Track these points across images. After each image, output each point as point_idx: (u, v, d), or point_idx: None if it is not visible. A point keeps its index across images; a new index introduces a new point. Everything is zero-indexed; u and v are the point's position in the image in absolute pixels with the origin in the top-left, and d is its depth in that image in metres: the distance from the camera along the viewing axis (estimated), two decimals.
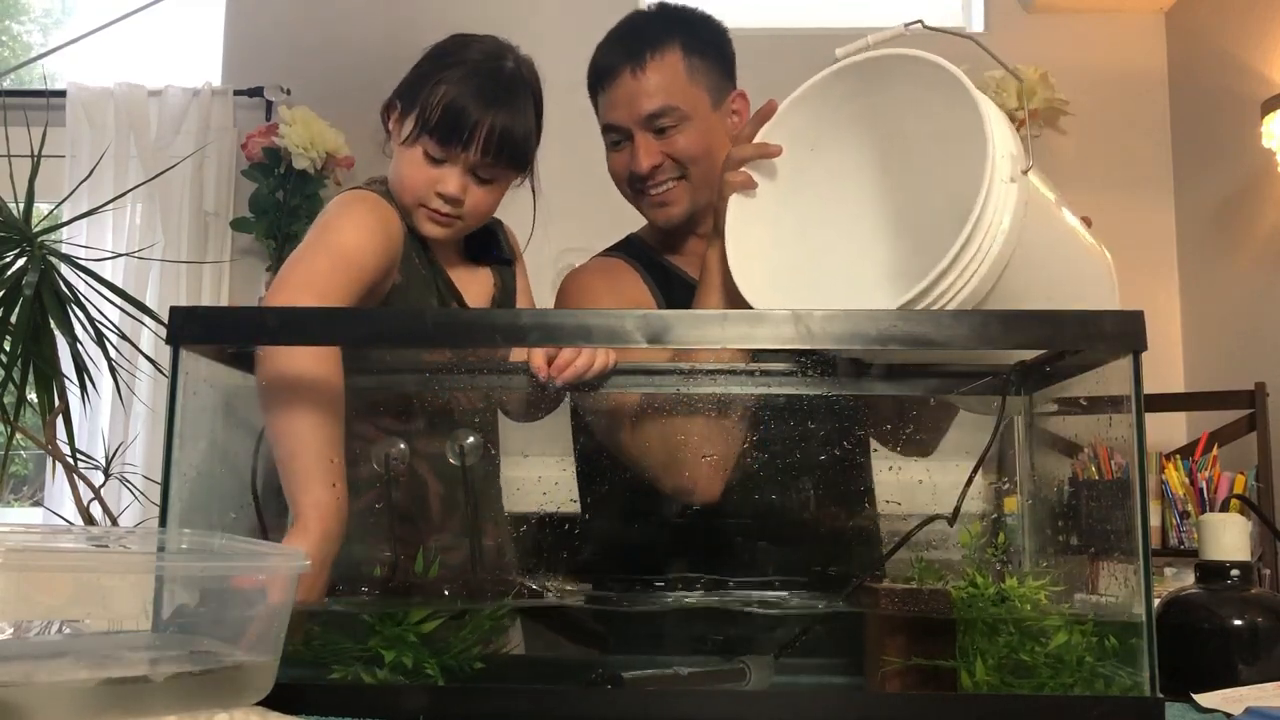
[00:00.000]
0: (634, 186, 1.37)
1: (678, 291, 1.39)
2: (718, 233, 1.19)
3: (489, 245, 1.39)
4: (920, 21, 1.06)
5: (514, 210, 1.38)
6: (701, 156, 1.34)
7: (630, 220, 1.47)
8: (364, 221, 1.21)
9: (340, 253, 1.17)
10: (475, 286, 1.36)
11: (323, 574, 0.98)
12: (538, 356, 1.11)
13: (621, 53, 1.33)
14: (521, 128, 1.25)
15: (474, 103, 1.22)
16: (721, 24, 1.42)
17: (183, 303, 3.30)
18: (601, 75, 1.35)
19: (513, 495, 1.25)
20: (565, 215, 1.54)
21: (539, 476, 1.14)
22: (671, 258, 1.44)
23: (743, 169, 1.17)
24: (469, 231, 1.32)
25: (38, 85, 3.62)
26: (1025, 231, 0.96)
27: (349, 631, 0.89)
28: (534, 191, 1.34)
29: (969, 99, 0.98)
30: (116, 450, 1.53)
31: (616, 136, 1.36)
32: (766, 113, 1.16)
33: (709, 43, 1.37)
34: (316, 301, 1.09)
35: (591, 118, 1.41)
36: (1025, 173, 0.97)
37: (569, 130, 1.42)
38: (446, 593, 0.99)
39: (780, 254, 1.17)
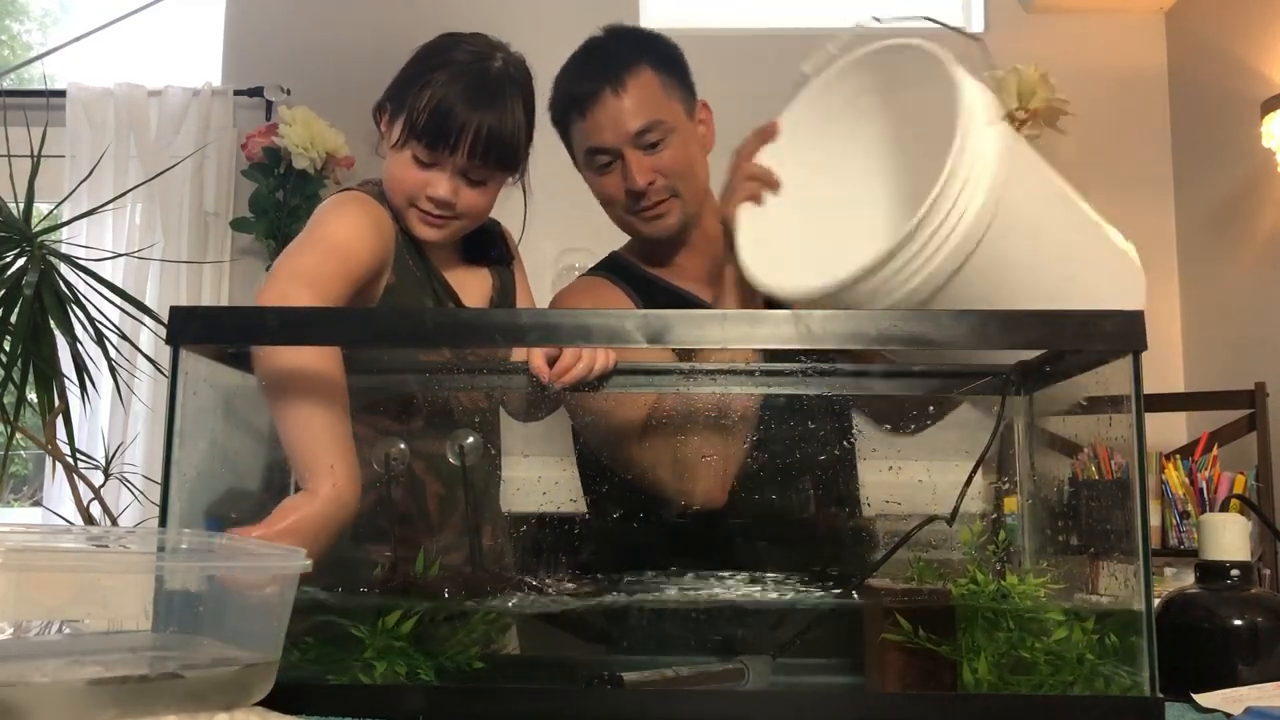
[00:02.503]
0: (629, 206, 1.37)
1: (662, 302, 1.40)
2: (730, 248, 1.19)
3: (486, 246, 1.38)
4: (875, 18, 1.06)
5: (508, 210, 1.38)
6: (686, 170, 1.37)
7: None
8: (354, 218, 1.21)
9: (330, 245, 1.16)
10: (473, 287, 1.36)
11: (327, 541, 0.96)
12: (537, 358, 1.11)
13: (597, 76, 1.34)
14: (510, 128, 1.23)
15: (460, 104, 1.20)
16: (674, 41, 1.44)
17: (183, 303, 3.30)
18: (579, 101, 1.35)
19: (512, 495, 1.25)
20: (565, 216, 1.54)
21: (539, 476, 1.14)
22: (657, 270, 1.45)
23: (750, 183, 1.18)
24: (465, 232, 1.31)
25: (38, 85, 3.61)
26: (1011, 189, 0.95)
27: (341, 644, 0.89)
28: (525, 191, 1.33)
29: (943, 69, 0.97)
30: (116, 450, 1.53)
31: (605, 159, 1.35)
32: (769, 133, 1.17)
33: (671, 58, 1.39)
34: (308, 293, 1.08)
35: None
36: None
37: (555, 132, 1.42)
38: (447, 593, 0.98)
39: (800, 251, 1.17)
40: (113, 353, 1.44)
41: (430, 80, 1.21)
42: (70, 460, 1.26)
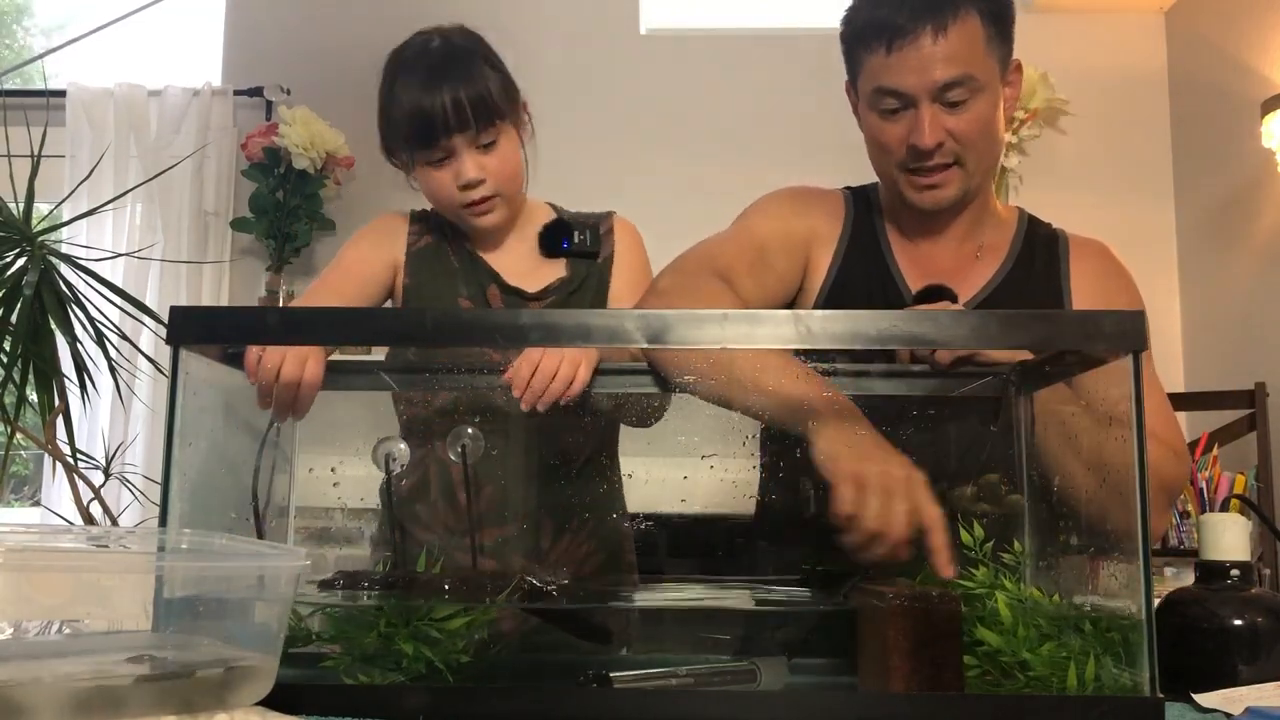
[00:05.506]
0: (904, 163, 1.23)
1: (860, 286, 1.28)
2: None
3: (559, 239, 1.41)
4: None
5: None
6: (980, 138, 1.22)
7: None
8: (358, 237, 1.44)
9: (334, 262, 1.41)
10: (536, 274, 1.38)
11: None
12: (517, 384, 1.08)
13: (920, 10, 1.17)
14: (476, 87, 1.30)
15: (424, 94, 1.29)
16: None
17: (183, 303, 3.30)
18: (889, 32, 1.18)
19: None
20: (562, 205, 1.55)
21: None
22: (892, 233, 1.32)
23: None
24: (513, 200, 1.37)
25: (38, 85, 3.61)
26: None
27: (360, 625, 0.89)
28: (522, 142, 1.38)
29: None
30: (116, 450, 1.52)
31: (895, 104, 1.20)
32: None
33: (1002, 7, 1.23)
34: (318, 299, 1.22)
35: (579, 120, 1.41)
36: None
37: (556, 132, 1.43)
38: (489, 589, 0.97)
39: None
40: (113, 353, 1.44)
41: (393, 96, 1.32)
42: (70, 460, 1.26)
